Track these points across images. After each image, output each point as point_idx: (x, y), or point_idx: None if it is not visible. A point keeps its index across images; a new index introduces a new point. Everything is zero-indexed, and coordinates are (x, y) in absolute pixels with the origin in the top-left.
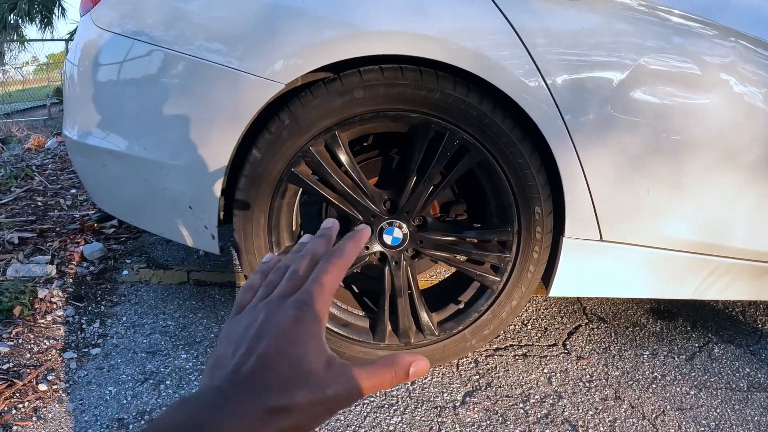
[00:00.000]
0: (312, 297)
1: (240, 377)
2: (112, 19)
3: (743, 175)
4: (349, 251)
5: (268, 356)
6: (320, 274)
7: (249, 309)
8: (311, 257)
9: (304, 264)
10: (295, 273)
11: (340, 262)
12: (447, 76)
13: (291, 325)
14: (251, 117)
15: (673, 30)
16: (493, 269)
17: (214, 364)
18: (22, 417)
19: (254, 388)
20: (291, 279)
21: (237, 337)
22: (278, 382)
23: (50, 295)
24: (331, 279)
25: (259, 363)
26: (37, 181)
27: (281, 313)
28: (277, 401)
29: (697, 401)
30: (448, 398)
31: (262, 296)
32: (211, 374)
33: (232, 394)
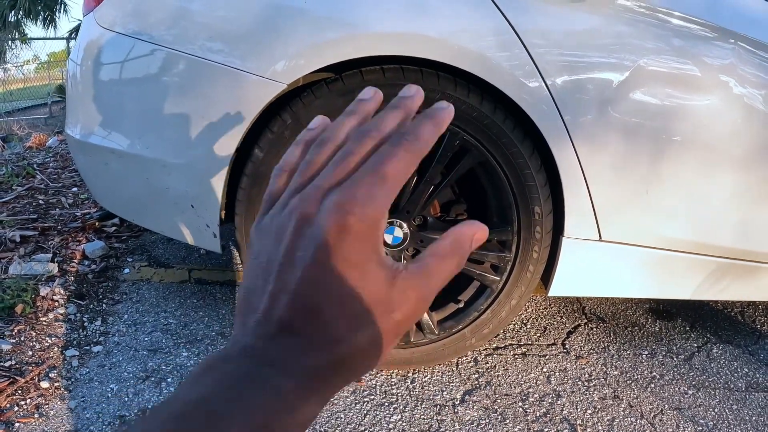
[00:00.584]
0: (365, 193)
1: (273, 327)
2: (115, 19)
3: (741, 176)
4: (427, 135)
5: (308, 293)
6: (383, 160)
7: (279, 209)
8: (376, 134)
9: (366, 144)
10: (349, 155)
11: (413, 147)
12: (448, 77)
13: (339, 239)
14: (253, 116)
15: (673, 32)
16: (493, 268)
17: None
18: (24, 414)
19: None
20: (341, 162)
21: (267, 258)
22: (328, 329)
23: (52, 293)
24: (397, 169)
25: (297, 304)
26: (39, 179)
27: (319, 220)
28: (329, 356)
29: (696, 401)
30: (448, 396)
31: (296, 186)
32: (242, 318)
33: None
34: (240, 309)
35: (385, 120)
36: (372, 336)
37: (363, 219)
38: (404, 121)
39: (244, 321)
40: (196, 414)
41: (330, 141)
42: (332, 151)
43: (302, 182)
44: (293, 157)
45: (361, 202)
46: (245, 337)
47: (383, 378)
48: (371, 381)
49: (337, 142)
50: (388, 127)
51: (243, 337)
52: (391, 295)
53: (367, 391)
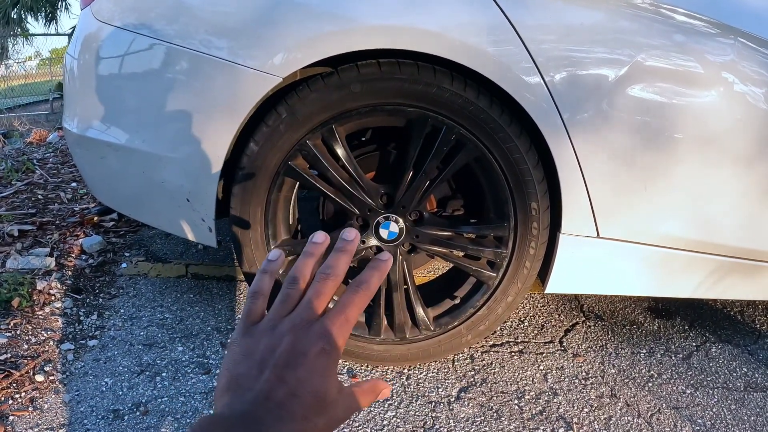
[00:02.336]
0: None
1: (269, 402)
2: (113, 13)
3: (741, 173)
4: (374, 283)
5: (296, 385)
6: (347, 308)
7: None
8: (335, 278)
9: (329, 286)
10: (320, 295)
11: (366, 294)
12: (444, 71)
13: (317, 358)
14: (249, 110)
15: (673, 27)
16: (489, 265)
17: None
18: (19, 407)
19: (282, 415)
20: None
21: (260, 358)
22: (303, 410)
23: (49, 287)
24: (356, 313)
25: (288, 391)
26: (38, 174)
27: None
28: (301, 427)
29: (693, 400)
30: (443, 393)
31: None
32: (233, 394)
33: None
34: (228, 387)
35: (339, 263)
36: (326, 422)
37: (334, 347)
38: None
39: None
40: None
41: (299, 278)
42: (303, 286)
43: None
44: (265, 285)
45: (335, 336)
46: (242, 406)
47: (378, 374)
48: (366, 377)
49: (306, 278)
50: (342, 269)
51: (239, 406)
52: (337, 401)
53: None
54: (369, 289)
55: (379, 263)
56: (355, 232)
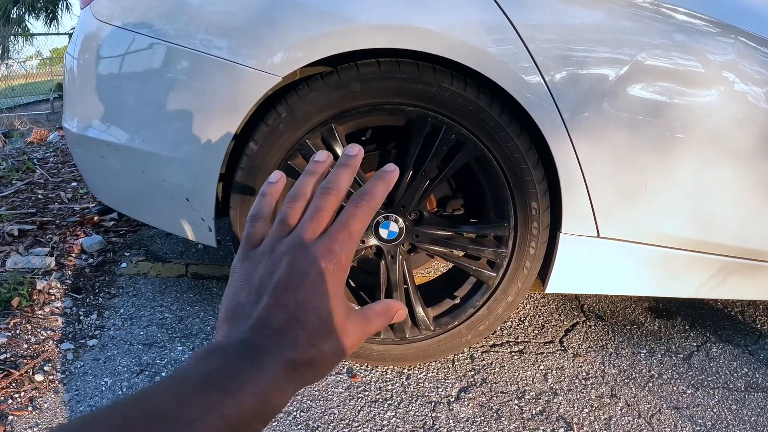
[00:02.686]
0: (341, 245)
1: (268, 329)
2: (112, 12)
3: (742, 172)
4: (379, 194)
5: (296, 309)
6: (349, 220)
7: (267, 249)
8: (336, 192)
9: (330, 201)
10: (320, 211)
11: (369, 206)
12: (444, 70)
13: (319, 277)
14: (249, 110)
15: (674, 27)
16: (490, 264)
17: (233, 312)
18: (18, 407)
19: (283, 342)
20: (315, 218)
21: (258, 283)
22: (306, 336)
23: (49, 287)
24: (359, 226)
25: (288, 316)
26: (38, 174)
27: (308, 262)
28: (306, 355)
29: (694, 400)
30: (443, 393)
31: (280, 234)
32: (232, 322)
33: (261, 345)
34: (228, 317)
35: (341, 177)
36: (332, 349)
37: (338, 264)
38: (352, 176)
39: (236, 324)
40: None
41: (301, 196)
42: (303, 205)
43: (285, 230)
44: (266, 207)
45: (337, 252)
46: (240, 334)
47: (378, 374)
48: (366, 377)
49: (306, 197)
50: (344, 184)
51: (238, 334)
52: (346, 324)
53: (361, 387)
54: (373, 201)
55: (385, 174)
56: (359, 147)
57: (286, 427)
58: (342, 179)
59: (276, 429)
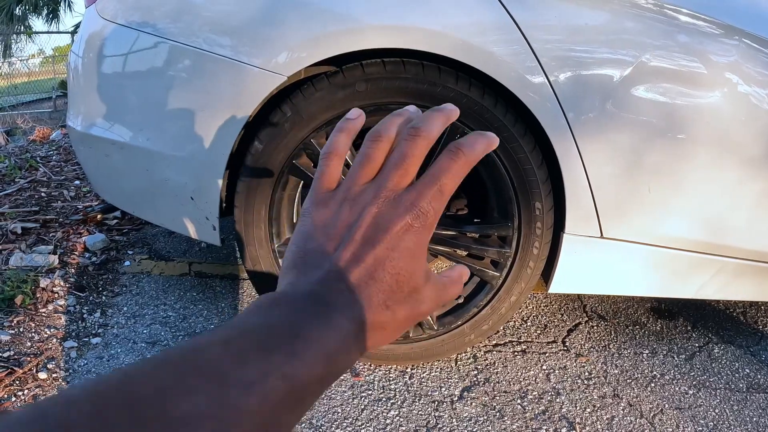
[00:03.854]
0: (430, 203)
1: (341, 284)
2: (117, 11)
3: (746, 174)
4: (478, 150)
5: (374, 265)
6: (442, 176)
7: (346, 195)
8: (427, 141)
9: (419, 147)
10: (407, 158)
11: (466, 161)
12: (449, 70)
13: (402, 234)
14: (254, 109)
15: (678, 28)
16: (493, 264)
17: (302, 259)
18: (22, 405)
19: (355, 299)
20: (401, 165)
21: (334, 231)
22: (382, 296)
23: (52, 285)
24: (453, 184)
25: (365, 272)
26: (41, 172)
27: (393, 217)
28: (378, 316)
29: (696, 401)
30: (446, 393)
31: (361, 178)
32: (300, 271)
33: (331, 300)
34: (295, 264)
35: (433, 122)
36: (406, 313)
37: (424, 222)
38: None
39: (304, 273)
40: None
41: (384, 135)
42: (387, 146)
43: (368, 174)
44: (341, 144)
45: (425, 210)
46: (308, 285)
47: (381, 373)
48: (369, 376)
49: (391, 138)
50: (435, 130)
51: (306, 285)
52: (423, 289)
53: (365, 386)
54: (473, 155)
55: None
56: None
57: None
58: (434, 124)
59: None
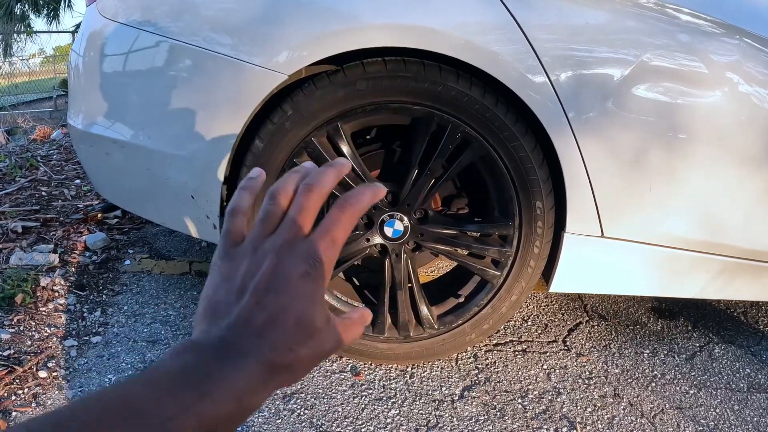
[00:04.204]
0: (324, 252)
1: (247, 330)
2: (118, 9)
3: (747, 174)
4: (365, 201)
5: (277, 311)
6: (332, 226)
7: (249, 248)
8: (320, 194)
9: (313, 200)
10: (303, 212)
11: (354, 211)
12: (450, 69)
13: (301, 281)
14: (255, 107)
15: (679, 27)
16: (494, 263)
17: (212, 309)
18: (22, 403)
19: (261, 343)
20: (298, 220)
21: (239, 282)
22: (285, 339)
23: (52, 284)
24: (343, 233)
25: (268, 318)
26: (42, 171)
27: (291, 266)
28: (283, 358)
29: (697, 401)
30: (447, 392)
31: (262, 232)
32: (210, 320)
33: (238, 345)
34: (206, 314)
35: (325, 177)
36: (310, 353)
37: (320, 270)
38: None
39: (214, 322)
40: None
41: (282, 192)
42: (285, 201)
43: (268, 229)
44: (245, 201)
45: (320, 258)
46: (219, 332)
47: (382, 372)
48: (370, 375)
49: (289, 194)
50: (328, 184)
51: (216, 332)
52: (324, 331)
53: (365, 385)
54: (357, 207)
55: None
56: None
57: (290, 425)
58: (326, 178)
59: (280, 427)
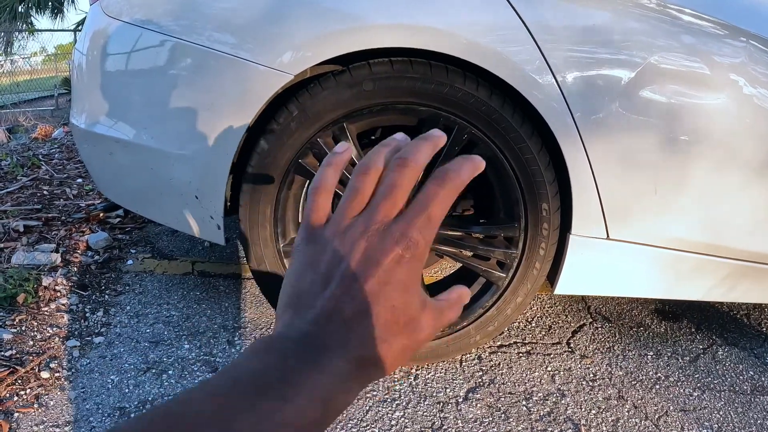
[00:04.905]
0: (420, 232)
1: (334, 323)
2: (122, 8)
3: (752, 176)
4: (465, 174)
5: (367, 300)
6: (430, 203)
7: (336, 230)
8: (414, 170)
9: (407, 176)
10: (395, 188)
11: (454, 186)
12: (457, 70)
13: (395, 266)
14: (260, 108)
15: (684, 29)
16: (499, 265)
17: (296, 299)
18: (24, 404)
19: (350, 337)
20: (390, 196)
21: (325, 268)
22: (377, 330)
23: (54, 284)
24: (442, 210)
25: (357, 307)
26: (44, 170)
27: (383, 249)
28: (374, 352)
29: (701, 403)
30: (451, 394)
31: (350, 211)
32: (294, 311)
33: (325, 341)
34: (290, 304)
35: (420, 150)
36: (404, 344)
37: (415, 252)
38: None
39: (298, 313)
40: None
41: (371, 167)
42: (375, 177)
43: (356, 207)
44: (329, 178)
45: (414, 240)
46: (303, 325)
47: None
48: None
49: (379, 169)
50: (423, 159)
51: (300, 325)
52: (420, 318)
53: (369, 387)
54: (459, 180)
55: (474, 158)
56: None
57: None
58: (421, 153)
59: None
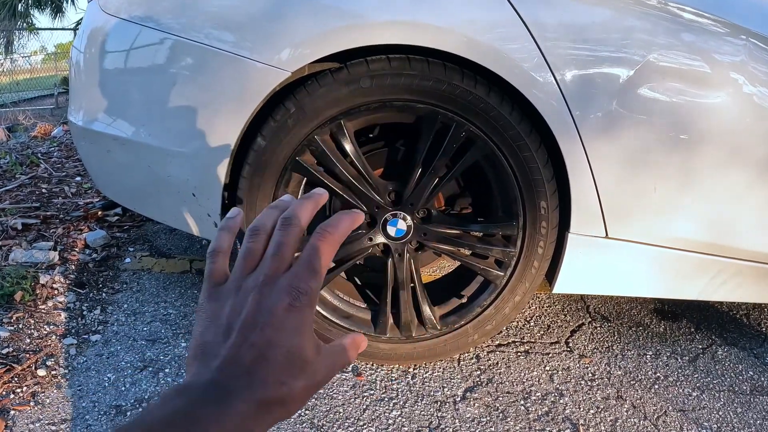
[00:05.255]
0: (306, 283)
1: (236, 368)
2: (119, 5)
3: (752, 175)
4: (344, 228)
5: (264, 347)
6: (312, 257)
7: (233, 287)
8: (298, 228)
9: (292, 236)
10: (282, 247)
11: (333, 239)
12: (454, 67)
13: (286, 314)
14: (257, 105)
15: (684, 27)
16: (497, 264)
17: (201, 351)
18: (20, 401)
19: (251, 381)
20: (278, 254)
21: (225, 321)
22: (275, 373)
23: (52, 281)
24: (324, 261)
25: (255, 354)
26: (42, 168)
27: (274, 300)
28: (275, 393)
29: (700, 403)
30: (449, 393)
31: (244, 270)
32: (200, 362)
33: (229, 386)
34: (196, 356)
35: (304, 209)
36: (302, 385)
37: (305, 301)
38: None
39: (204, 363)
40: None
41: (261, 229)
42: (265, 238)
43: (249, 266)
44: (225, 242)
45: (303, 289)
46: (208, 374)
47: (383, 373)
48: (371, 375)
49: (267, 230)
50: (305, 217)
51: (206, 374)
52: (315, 361)
53: (366, 386)
54: (336, 235)
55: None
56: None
57: (291, 426)
58: (303, 212)
59: (281, 427)
